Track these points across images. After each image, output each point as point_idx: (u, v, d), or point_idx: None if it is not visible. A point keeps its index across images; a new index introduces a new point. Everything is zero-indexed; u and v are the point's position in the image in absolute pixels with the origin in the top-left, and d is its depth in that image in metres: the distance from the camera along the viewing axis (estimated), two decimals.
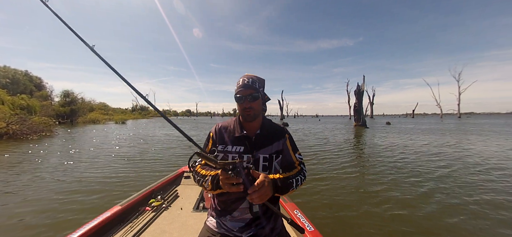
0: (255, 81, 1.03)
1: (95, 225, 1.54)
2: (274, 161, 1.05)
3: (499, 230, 2.45)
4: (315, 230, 1.51)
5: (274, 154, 1.05)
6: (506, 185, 3.82)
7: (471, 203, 3.13)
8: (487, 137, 11.16)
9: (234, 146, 1.04)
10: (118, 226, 1.69)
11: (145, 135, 13.74)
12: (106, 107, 53.87)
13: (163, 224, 1.75)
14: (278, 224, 1.09)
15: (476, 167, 5.14)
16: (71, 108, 30.32)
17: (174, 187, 2.50)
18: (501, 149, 7.48)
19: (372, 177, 4.48)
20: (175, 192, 2.33)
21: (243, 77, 1.04)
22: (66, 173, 4.75)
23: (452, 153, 6.90)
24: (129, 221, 1.75)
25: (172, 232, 1.65)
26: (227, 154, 1.04)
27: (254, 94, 1.01)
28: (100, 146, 8.91)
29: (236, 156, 1.03)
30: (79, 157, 6.60)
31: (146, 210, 1.93)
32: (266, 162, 1.03)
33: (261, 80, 1.07)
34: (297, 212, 1.72)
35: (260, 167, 1.02)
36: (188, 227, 1.70)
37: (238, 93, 1.02)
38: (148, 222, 1.75)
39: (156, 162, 5.97)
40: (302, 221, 1.60)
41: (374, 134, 14.07)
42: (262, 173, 0.90)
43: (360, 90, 22.25)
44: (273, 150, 1.05)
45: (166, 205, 2.03)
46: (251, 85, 1.01)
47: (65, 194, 3.51)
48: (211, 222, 1.09)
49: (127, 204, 1.87)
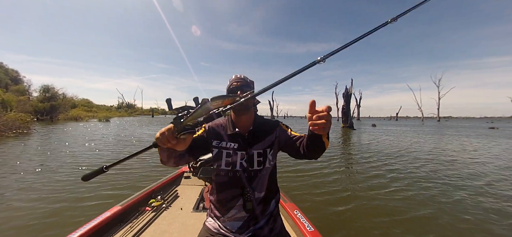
0: (246, 78, 1.13)
1: (95, 225, 1.51)
2: (268, 155, 1.07)
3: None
4: (314, 230, 1.52)
5: (268, 148, 1.07)
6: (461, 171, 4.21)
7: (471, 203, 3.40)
8: (465, 139, 12.02)
9: (229, 142, 1.06)
10: (118, 226, 1.67)
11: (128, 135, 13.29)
12: (89, 104, 51.46)
13: (163, 224, 1.75)
14: (277, 224, 1.10)
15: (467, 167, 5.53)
16: (51, 105, 28.62)
17: (174, 187, 2.49)
18: (463, 147, 8.14)
19: (365, 176, 4.66)
20: (175, 192, 2.32)
21: (235, 75, 1.13)
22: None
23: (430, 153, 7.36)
24: (129, 221, 1.73)
25: (172, 232, 1.65)
26: (222, 149, 1.05)
27: (245, 86, 1.08)
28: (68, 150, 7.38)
29: (231, 152, 1.04)
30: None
31: (146, 210, 1.91)
32: (261, 157, 1.05)
33: (251, 81, 1.15)
34: (297, 212, 1.73)
35: (255, 162, 1.04)
36: (188, 227, 1.70)
37: (232, 86, 1.09)
38: (148, 222, 1.74)
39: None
40: (302, 221, 1.61)
41: (362, 135, 14.54)
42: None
43: (348, 93, 22.87)
44: (266, 144, 1.07)
45: (166, 205, 2.02)
46: (243, 79, 1.11)
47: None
48: (210, 223, 1.09)
49: (127, 204, 1.85)
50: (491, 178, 4.63)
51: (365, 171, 5.23)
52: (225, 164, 1.04)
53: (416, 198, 3.52)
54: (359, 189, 3.90)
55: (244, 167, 1.03)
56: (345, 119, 22.67)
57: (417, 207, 3.16)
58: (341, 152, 8.04)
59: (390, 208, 3.12)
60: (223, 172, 1.05)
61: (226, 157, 1.04)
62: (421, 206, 3.19)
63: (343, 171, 5.25)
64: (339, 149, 8.76)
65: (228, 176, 1.04)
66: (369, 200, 3.38)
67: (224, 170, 1.04)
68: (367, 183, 4.27)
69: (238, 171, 1.03)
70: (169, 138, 0.74)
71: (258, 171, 1.04)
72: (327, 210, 3.01)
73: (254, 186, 1.03)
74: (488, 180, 4.44)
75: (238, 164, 1.03)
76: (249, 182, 1.03)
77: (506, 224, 2.70)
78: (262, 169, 1.05)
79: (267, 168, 1.07)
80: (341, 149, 8.67)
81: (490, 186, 4.10)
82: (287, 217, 1.76)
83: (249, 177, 1.03)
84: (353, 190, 3.87)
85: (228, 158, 1.04)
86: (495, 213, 2.97)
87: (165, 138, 0.74)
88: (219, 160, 1.05)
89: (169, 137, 0.74)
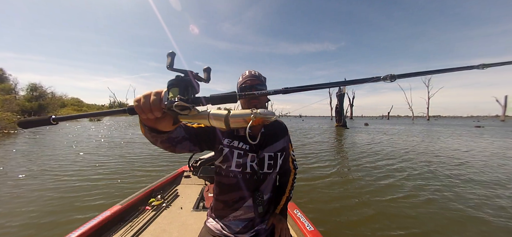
0: (261, 74, 1.04)
1: (95, 224, 1.50)
2: (278, 159, 1.05)
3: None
4: (314, 230, 1.52)
5: (279, 152, 1.05)
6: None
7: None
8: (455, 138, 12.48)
9: (240, 142, 1.00)
10: (118, 225, 1.66)
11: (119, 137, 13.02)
12: (79, 103, 50.23)
13: (163, 223, 1.75)
14: None
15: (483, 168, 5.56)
16: (39, 104, 27.82)
17: (174, 187, 2.48)
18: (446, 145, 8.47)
19: (362, 174, 4.77)
20: (175, 191, 2.32)
21: (248, 70, 1.05)
22: None
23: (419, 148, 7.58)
24: (129, 220, 1.72)
25: (172, 231, 1.65)
26: (234, 149, 0.99)
27: (260, 85, 1.01)
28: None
29: (242, 152, 0.99)
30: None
31: (146, 209, 1.91)
32: (272, 160, 1.03)
33: (265, 78, 1.07)
34: (297, 212, 1.74)
35: (265, 165, 1.01)
36: (188, 227, 1.71)
37: (245, 83, 0.99)
38: (148, 221, 1.74)
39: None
40: (302, 221, 1.62)
41: (356, 134, 14.80)
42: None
43: (341, 93, 23.23)
44: (278, 148, 1.06)
45: (166, 204, 2.02)
46: (258, 76, 1.02)
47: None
48: (212, 223, 1.07)
49: (127, 203, 1.84)
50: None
51: (360, 168, 5.35)
52: (235, 165, 0.98)
53: (420, 196, 3.59)
54: (357, 188, 3.99)
55: (254, 169, 0.99)
56: (339, 118, 23.02)
57: (417, 206, 3.21)
58: (335, 149, 8.19)
59: (383, 204, 3.22)
60: (233, 173, 0.99)
61: (237, 158, 0.99)
62: (420, 203, 3.30)
63: (339, 169, 5.35)
64: (334, 147, 8.91)
65: (237, 178, 1.00)
66: (359, 196, 3.48)
67: (234, 171, 0.99)
68: (363, 181, 4.38)
69: (248, 173, 0.99)
70: (153, 107, 0.53)
71: (268, 174, 1.03)
72: (330, 212, 3.00)
73: (262, 189, 1.02)
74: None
75: (248, 166, 0.99)
76: (258, 185, 1.01)
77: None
78: (272, 172, 1.04)
79: (276, 171, 1.07)
80: (335, 147, 8.83)
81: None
82: (287, 217, 1.78)
83: (259, 179, 1.00)
84: (347, 188, 3.97)
85: (239, 159, 0.99)
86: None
87: (148, 106, 0.53)
88: (229, 161, 0.99)
89: (154, 106, 0.53)
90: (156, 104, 0.53)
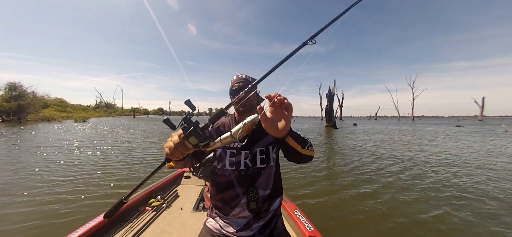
0: (248, 77, 1.12)
1: (95, 225, 1.48)
2: (271, 152, 1.06)
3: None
4: (315, 230, 1.52)
5: (270, 145, 1.06)
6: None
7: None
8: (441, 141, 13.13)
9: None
10: (118, 226, 1.65)
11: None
12: (63, 103, 47.92)
13: (163, 224, 1.75)
14: (279, 225, 1.10)
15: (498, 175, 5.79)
16: (19, 104, 26.33)
17: (174, 187, 2.47)
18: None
19: (357, 173, 4.90)
20: (175, 192, 2.32)
21: (236, 75, 1.12)
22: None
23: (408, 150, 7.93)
24: (129, 221, 1.72)
25: (172, 232, 1.65)
26: (226, 149, 1.04)
27: (247, 86, 1.06)
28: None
29: (234, 151, 1.03)
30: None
31: (146, 210, 1.90)
32: (263, 154, 1.04)
33: (254, 79, 1.12)
34: (297, 212, 1.75)
35: (257, 160, 1.03)
36: (188, 227, 1.72)
37: (234, 86, 1.08)
38: (148, 222, 1.73)
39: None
40: (302, 221, 1.63)
41: (346, 135, 15.15)
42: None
43: (331, 94, 23.74)
44: (269, 140, 1.06)
45: (166, 205, 2.02)
46: (245, 79, 1.09)
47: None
48: (211, 223, 1.08)
49: (127, 203, 1.82)
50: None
51: (348, 166, 5.51)
52: (229, 164, 1.03)
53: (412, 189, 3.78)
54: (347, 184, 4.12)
55: (248, 166, 1.03)
56: (329, 118, 23.50)
57: (417, 205, 3.25)
58: (326, 148, 8.39)
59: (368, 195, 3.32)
60: (227, 172, 1.03)
61: (230, 157, 1.03)
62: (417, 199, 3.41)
63: (329, 167, 5.50)
64: (325, 146, 9.11)
65: (232, 176, 1.03)
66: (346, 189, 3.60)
67: (228, 170, 1.03)
68: (354, 178, 4.53)
69: (242, 170, 1.02)
70: (182, 151, 0.72)
71: (262, 169, 1.04)
72: (330, 212, 2.98)
73: (258, 184, 1.03)
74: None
75: (242, 164, 1.03)
76: (253, 181, 1.03)
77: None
78: (266, 167, 1.05)
79: (271, 166, 1.07)
80: (327, 146, 9.03)
81: None
82: (287, 217, 1.79)
83: (253, 175, 1.03)
84: (338, 184, 4.09)
85: (232, 158, 1.03)
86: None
87: (179, 152, 0.73)
88: (223, 160, 1.04)
89: (183, 149, 0.72)
90: (182, 147, 0.72)
